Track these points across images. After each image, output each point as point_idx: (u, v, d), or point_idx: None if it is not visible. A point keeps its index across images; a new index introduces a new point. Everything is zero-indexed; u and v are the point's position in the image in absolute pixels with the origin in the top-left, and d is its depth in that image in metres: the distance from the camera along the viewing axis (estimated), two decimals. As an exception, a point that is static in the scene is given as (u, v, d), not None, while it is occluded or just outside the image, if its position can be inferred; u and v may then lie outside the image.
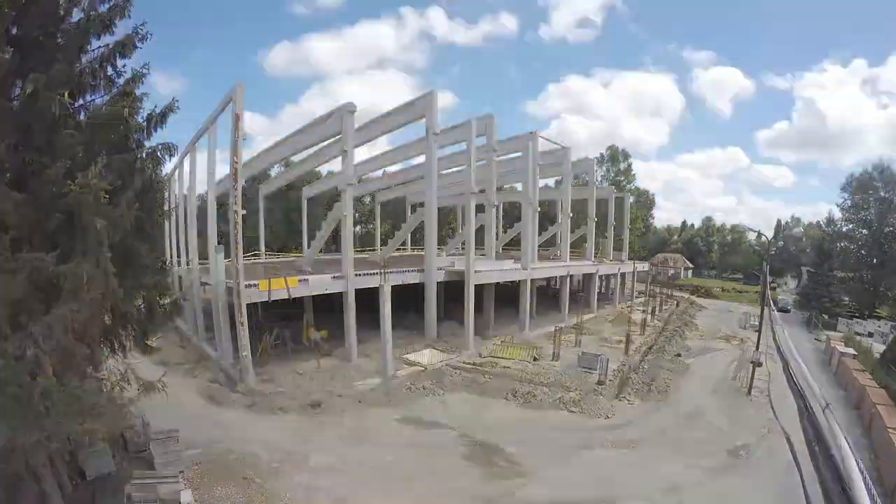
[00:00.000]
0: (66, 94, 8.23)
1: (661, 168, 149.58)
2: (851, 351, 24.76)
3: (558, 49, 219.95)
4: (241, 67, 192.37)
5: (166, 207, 21.65)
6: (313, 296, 22.86)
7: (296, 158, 32.30)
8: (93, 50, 9.16)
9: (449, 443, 14.75)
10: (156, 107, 9.37)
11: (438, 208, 27.46)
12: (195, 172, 24.94)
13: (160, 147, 9.26)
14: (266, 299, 19.60)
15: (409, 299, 26.93)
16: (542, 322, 31.16)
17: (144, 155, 9.18)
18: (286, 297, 20.20)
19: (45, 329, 6.83)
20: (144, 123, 9.27)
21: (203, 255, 24.61)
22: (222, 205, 25.48)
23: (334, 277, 21.43)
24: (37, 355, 6.88)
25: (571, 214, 37.48)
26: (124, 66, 9.30)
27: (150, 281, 10.18)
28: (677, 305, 44.17)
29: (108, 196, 7.51)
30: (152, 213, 9.60)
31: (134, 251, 8.96)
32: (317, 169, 40.09)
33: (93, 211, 7.36)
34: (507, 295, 31.58)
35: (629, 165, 66.96)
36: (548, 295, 42.00)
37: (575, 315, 31.31)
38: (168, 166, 10.88)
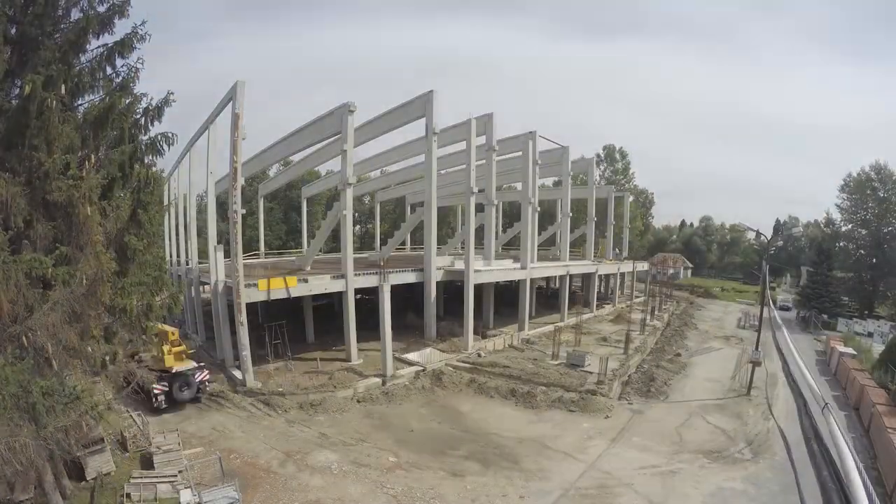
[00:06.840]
0: (65, 91, 8.22)
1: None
2: (851, 350, 24.77)
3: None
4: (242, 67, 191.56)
5: (165, 203, 21.66)
6: (312, 296, 22.82)
7: (295, 158, 32.25)
8: (92, 49, 9.17)
9: (450, 442, 14.77)
10: (152, 99, 9.37)
11: (438, 208, 27.41)
12: (195, 171, 24.88)
13: (159, 137, 9.24)
14: (266, 299, 19.59)
15: (408, 299, 26.92)
16: (542, 321, 31.16)
17: (143, 147, 9.16)
18: (286, 296, 20.19)
19: (40, 318, 6.81)
20: (142, 118, 9.26)
21: (203, 255, 24.59)
22: (222, 204, 25.46)
23: (334, 277, 21.42)
24: (37, 347, 6.86)
25: (571, 214, 37.44)
26: (123, 65, 9.31)
27: (148, 277, 10.16)
28: (677, 305, 44.20)
29: (103, 189, 7.51)
30: (149, 207, 9.55)
31: (130, 245, 8.94)
32: (316, 168, 40.04)
33: (85, 203, 7.36)
34: (506, 294, 31.58)
35: (627, 164, 67.02)
36: (547, 294, 42.03)
37: (574, 314, 31.31)
38: (168, 158, 10.84)
